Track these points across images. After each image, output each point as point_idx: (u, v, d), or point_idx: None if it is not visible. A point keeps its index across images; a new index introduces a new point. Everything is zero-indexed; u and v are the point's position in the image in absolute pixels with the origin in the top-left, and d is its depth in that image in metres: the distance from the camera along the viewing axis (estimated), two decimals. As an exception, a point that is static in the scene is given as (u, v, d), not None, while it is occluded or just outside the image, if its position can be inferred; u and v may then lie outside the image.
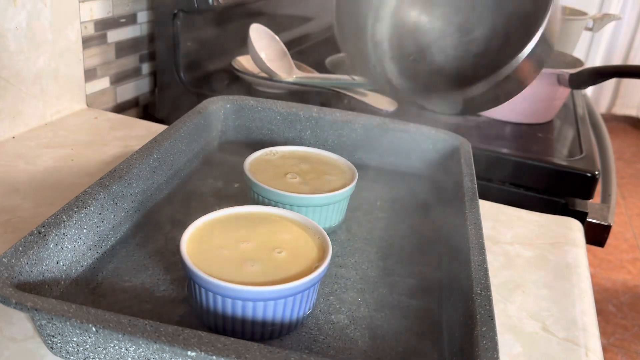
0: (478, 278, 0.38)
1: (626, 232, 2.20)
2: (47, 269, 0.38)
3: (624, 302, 1.80)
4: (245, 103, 0.65)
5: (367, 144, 0.63)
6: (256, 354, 0.30)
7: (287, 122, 0.64)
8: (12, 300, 0.32)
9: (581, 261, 0.55)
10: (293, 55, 0.83)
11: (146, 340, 0.30)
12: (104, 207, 0.43)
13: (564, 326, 0.45)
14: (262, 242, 0.41)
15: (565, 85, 0.82)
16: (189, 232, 0.40)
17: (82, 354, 0.35)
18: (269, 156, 0.54)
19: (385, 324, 0.41)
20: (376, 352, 0.38)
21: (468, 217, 0.46)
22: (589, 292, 0.50)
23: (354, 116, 0.63)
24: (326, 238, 0.41)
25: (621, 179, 2.60)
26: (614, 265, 1.99)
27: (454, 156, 0.59)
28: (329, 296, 0.43)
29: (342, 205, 0.51)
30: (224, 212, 0.43)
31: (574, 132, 0.86)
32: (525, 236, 0.58)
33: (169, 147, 0.53)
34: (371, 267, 0.47)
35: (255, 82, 0.82)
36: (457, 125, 0.83)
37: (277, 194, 0.47)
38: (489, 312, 0.35)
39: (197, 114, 0.59)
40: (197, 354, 0.30)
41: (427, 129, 0.62)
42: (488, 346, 0.32)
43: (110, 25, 0.82)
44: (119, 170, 0.46)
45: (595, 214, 0.72)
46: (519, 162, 0.71)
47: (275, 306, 0.37)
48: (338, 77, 0.84)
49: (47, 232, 0.38)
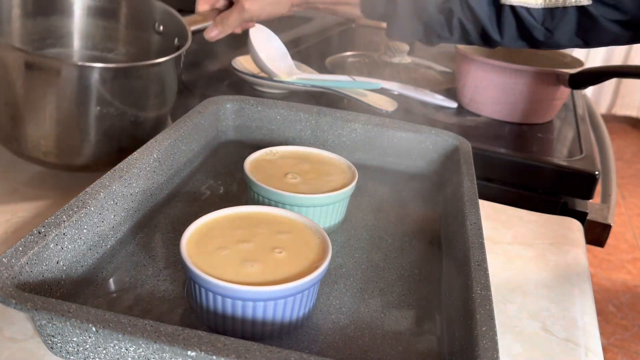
0: (478, 278, 0.38)
1: (626, 232, 2.20)
2: (47, 269, 0.38)
3: (624, 302, 1.80)
4: (245, 103, 0.65)
5: (367, 144, 0.63)
6: (256, 354, 0.30)
7: (287, 122, 0.64)
8: (12, 300, 0.32)
9: (581, 261, 0.55)
10: (293, 55, 0.82)
11: (146, 340, 0.30)
12: (104, 207, 0.43)
13: (564, 326, 0.45)
14: (262, 242, 0.41)
15: (565, 85, 0.82)
16: (189, 232, 0.40)
17: (82, 354, 0.35)
18: (269, 156, 0.54)
19: (385, 324, 0.41)
20: (376, 352, 0.38)
21: (468, 217, 0.46)
22: (589, 292, 0.50)
23: (354, 116, 0.63)
24: (326, 238, 0.41)
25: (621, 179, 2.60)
26: (614, 265, 1.99)
27: (454, 156, 0.59)
28: (329, 296, 0.43)
29: (342, 205, 0.51)
30: (224, 212, 0.43)
31: (574, 132, 0.86)
32: (525, 236, 0.58)
33: (169, 147, 0.53)
34: (371, 267, 0.47)
35: (255, 82, 0.82)
36: (457, 125, 0.83)
37: (277, 194, 0.47)
38: (489, 312, 0.35)
39: (197, 114, 0.59)
40: (197, 354, 0.30)
41: (427, 129, 0.62)
42: (488, 346, 0.32)
43: (110, 25, 0.82)
44: (119, 170, 0.46)
45: (595, 214, 0.72)
46: (519, 162, 0.71)
47: (275, 306, 0.37)
48: (338, 77, 0.84)
49: (47, 232, 0.38)
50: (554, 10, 0.55)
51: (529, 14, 0.55)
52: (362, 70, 1.04)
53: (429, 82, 1.01)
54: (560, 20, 0.55)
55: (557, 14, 0.55)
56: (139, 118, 0.54)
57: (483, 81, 0.84)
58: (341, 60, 1.07)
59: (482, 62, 0.83)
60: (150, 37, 0.64)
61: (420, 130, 0.62)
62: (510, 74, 0.82)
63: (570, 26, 0.55)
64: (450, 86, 0.97)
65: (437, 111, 0.87)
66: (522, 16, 0.55)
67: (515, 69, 0.81)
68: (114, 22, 0.64)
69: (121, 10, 0.64)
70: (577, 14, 0.54)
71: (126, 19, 0.64)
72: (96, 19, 0.64)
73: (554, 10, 0.55)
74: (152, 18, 0.63)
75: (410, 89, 0.88)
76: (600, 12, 0.53)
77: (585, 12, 0.54)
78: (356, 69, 1.05)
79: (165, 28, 0.63)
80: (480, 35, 0.59)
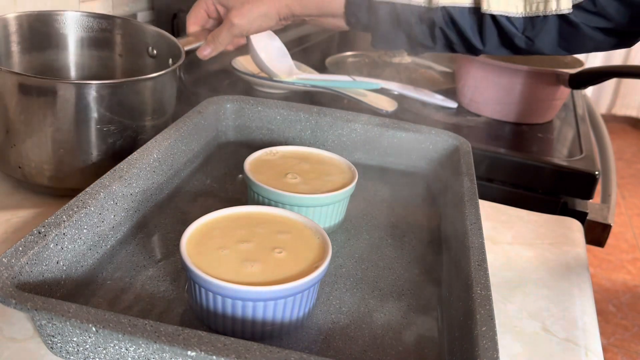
0: (478, 278, 0.38)
1: (626, 232, 2.20)
2: (47, 269, 0.38)
3: (624, 302, 1.80)
4: (245, 103, 0.65)
5: (367, 144, 0.63)
6: (256, 354, 0.30)
7: (287, 122, 0.64)
8: (12, 300, 0.32)
9: (581, 261, 0.55)
10: (293, 55, 0.82)
11: (146, 340, 0.30)
12: (104, 207, 0.43)
13: (564, 326, 0.45)
14: (262, 242, 0.41)
15: (565, 85, 0.82)
16: (189, 232, 0.40)
17: (82, 354, 0.35)
18: (269, 156, 0.54)
19: (385, 323, 0.41)
20: (376, 352, 0.38)
21: (468, 217, 0.46)
22: (589, 292, 0.50)
23: (354, 116, 0.63)
24: (326, 238, 0.41)
25: (621, 179, 2.60)
26: (614, 265, 1.99)
27: (454, 156, 0.59)
28: (329, 296, 0.43)
29: (342, 205, 0.51)
30: (224, 212, 0.43)
31: (574, 132, 0.86)
32: (525, 236, 0.58)
33: (169, 147, 0.53)
34: (371, 267, 0.47)
35: (255, 82, 0.82)
36: (457, 125, 0.83)
37: (277, 194, 0.47)
38: (489, 312, 0.35)
39: (197, 114, 0.59)
40: (197, 354, 0.30)
41: (427, 129, 0.62)
42: (488, 346, 0.32)
43: (110, 25, 0.82)
44: (119, 170, 0.46)
45: (595, 214, 0.72)
46: (519, 162, 0.71)
47: (275, 306, 0.37)
48: (338, 77, 0.84)
49: (47, 232, 0.38)
50: (534, 18, 0.55)
51: (510, 23, 0.56)
52: (362, 70, 1.04)
53: (429, 82, 1.01)
54: (541, 29, 0.55)
55: (538, 23, 0.55)
56: (139, 134, 0.55)
57: (483, 81, 0.84)
58: (341, 60, 1.07)
59: (482, 62, 0.83)
60: (145, 61, 0.65)
61: (420, 130, 0.62)
62: (510, 74, 0.82)
63: (552, 34, 0.56)
64: (450, 86, 0.97)
65: (437, 111, 0.87)
66: (503, 25, 0.56)
67: (515, 69, 0.81)
68: (109, 51, 0.66)
69: (114, 39, 0.66)
70: (558, 22, 0.55)
71: (120, 47, 0.66)
72: (91, 50, 0.65)
73: (535, 19, 0.55)
74: (144, 43, 0.65)
75: (410, 89, 0.88)
76: (582, 20, 0.54)
77: (567, 20, 0.54)
78: (356, 69, 1.05)
79: (159, 51, 0.64)
80: (463, 44, 0.59)
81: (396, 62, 1.06)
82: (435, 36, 0.59)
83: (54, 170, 0.52)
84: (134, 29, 0.65)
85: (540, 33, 0.56)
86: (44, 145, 0.51)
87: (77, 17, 0.63)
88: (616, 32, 0.55)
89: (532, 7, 0.54)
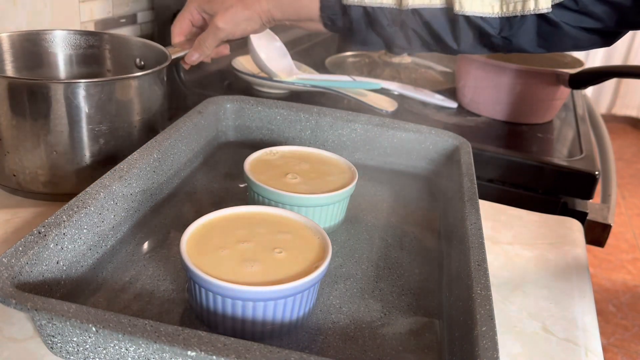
0: (478, 278, 0.38)
1: (626, 232, 2.20)
2: (47, 269, 0.38)
3: (624, 302, 1.80)
4: (245, 103, 0.65)
5: (367, 144, 0.63)
6: (256, 354, 0.30)
7: (287, 122, 0.64)
8: (12, 300, 0.32)
9: (581, 261, 0.55)
10: (293, 55, 0.82)
11: (146, 340, 0.30)
12: (104, 207, 0.43)
13: (564, 326, 0.45)
14: (261, 242, 0.41)
15: (565, 85, 0.82)
16: (189, 232, 0.40)
17: (82, 354, 0.35)
18: (269, 156, 0.54)
19: (385, 324, 0.41)
20: (376, 352, 0.38)
21: (468, 217, 0.46)
22: (589, 292, 0.50)
23: (354, 116, 0.63)
24: (326, 238, 0.41)
25: (621, 179, 2.60)
26: (614, 265, 1.99)
27: (454, 156, 0.59)
28: (329, 296, 0.43)
29: (342, 205, 0.51)
30: (224, 212, 0.43)
31: (574, 132, 0.86)
32: (525, 236, 0.58)
33: (169, 147, 0.53)
34: (371, 267, 0.47)
35: (255, 82, 0.82)
36: (457, 125, 0.83)
37: (277, 194, 0.47)
38: (489, 312, 0.35)
39: (197, 114, 0.59)
40: (197, 354, 0.30)
41: (427, 129, 0.62)
42: (488, 346, 0.32)
43: (111, 25, 0.82)
44: (119, 170, 0.46)
45: (595, 214, 0.72)
46: (519, 162, 0.71)
47: (275, 306, 0.37)
48: (338, 77, 0.84)
49: (47, 232, 0.38)
50: (511, 18, 0.54)
51: (486, 23, 0.54)
52: (362, 70, 1.04)
53: (429, 82, 1.01)
54: (518, 29, 0.54)
55: (516, 23, 0.54)
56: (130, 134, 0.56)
57: (483, 81, 0.84)
58: (341, 60, 1.07)
59: (482, 62, 0.83)
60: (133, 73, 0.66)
61: (420, 130, 0.62)
62: (510, 74, 0.82)
63: (530, 34, 0.54)
64: (450, 86, 0.97)
65: (437, 111, 0.87)
66: (478, 25, 0.54)
67: (515, 69, 0.81)
68: (97, 67, 0.67)
69: (102, 54, 0.67)
70: (537, 21, 0.53)
71: (108, 62, 0.67)
72: (80, 67, 0.66)
73: (512, 19, 0.54)
74: (132, 55, 0.66)
75: (410, 89, 0.89)
76: (564, 19, 0.52)
77: (546, 19, 0.53)
78: (356, 69, 1.05)
79: (146, 61, 0.65)
80: (438, 45, 0.58)
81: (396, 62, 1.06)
82: (410, 37, 0.58)
83: (49, 174, 0.53)
84: (120, 42, 0.66)
85: (518, 33, 0.54)
86: (37, 150, 0.51)
87: (64, 35, 0.64)
88: (599, 32, 0.54)
89: (509, 7, 0.53)
